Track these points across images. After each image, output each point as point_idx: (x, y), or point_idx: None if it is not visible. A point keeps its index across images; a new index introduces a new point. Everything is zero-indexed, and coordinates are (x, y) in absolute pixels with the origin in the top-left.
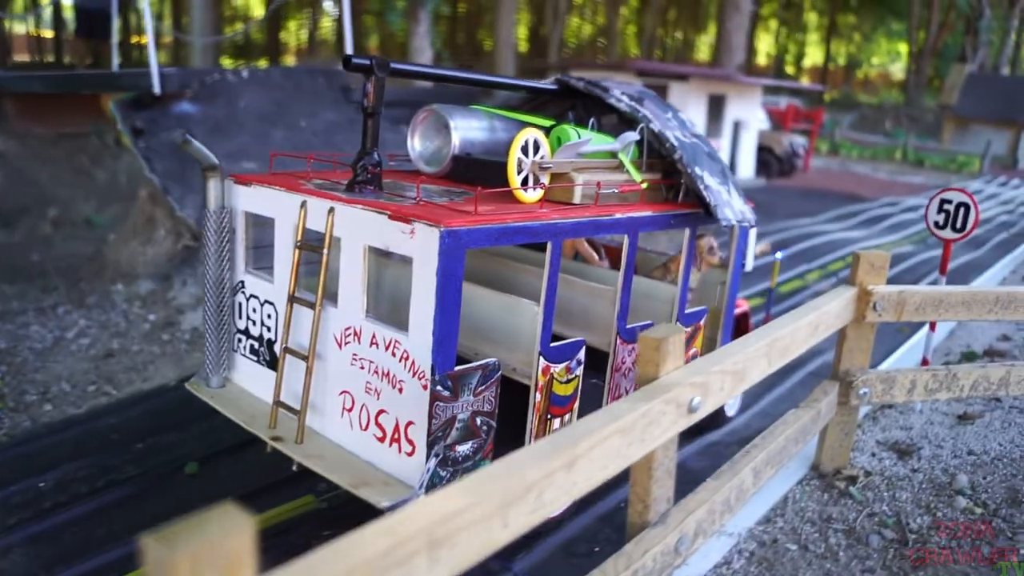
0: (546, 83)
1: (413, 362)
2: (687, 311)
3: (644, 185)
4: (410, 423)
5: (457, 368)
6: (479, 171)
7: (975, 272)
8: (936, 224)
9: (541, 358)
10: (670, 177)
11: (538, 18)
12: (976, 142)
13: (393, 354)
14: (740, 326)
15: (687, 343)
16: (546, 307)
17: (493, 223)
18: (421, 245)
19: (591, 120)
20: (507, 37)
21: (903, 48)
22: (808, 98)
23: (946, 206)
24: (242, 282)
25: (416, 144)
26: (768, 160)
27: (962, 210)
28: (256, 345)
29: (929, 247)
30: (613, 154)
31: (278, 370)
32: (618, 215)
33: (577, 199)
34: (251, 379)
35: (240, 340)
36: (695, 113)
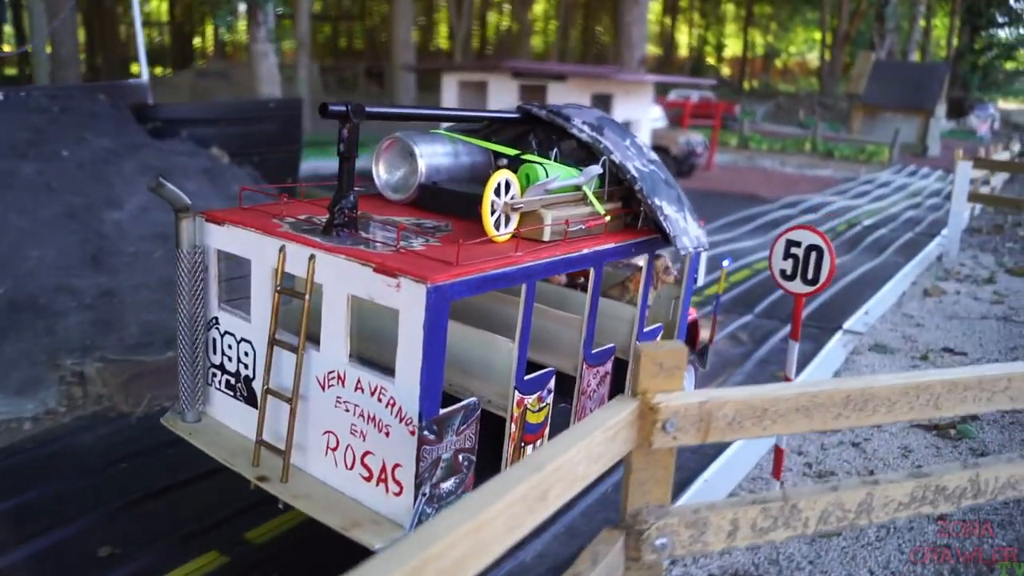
0: (509, 112)
1: (400, 408)
2: (645, 329)
3: (608, 218)
4: (397, 465)
5: (442, 412)
6: (448, 201)
7: (872, 286)
8: (783, 274)
9: (516, 391)
10: (629, 203)
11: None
12: (885, 130)
13: (379, 399)
14: (690, 333)
15: None
16: (520, 344)
17: (474, 274)
18: (407, 299)
19: (554, 150)
20: (404, 36)
21: (818, 36)
22: (725, 89)
23: (794, 250)
24: (216, 318)
25: (382, 172)
26: (664, 161)
27: (814, 255)
28: (232, 380)
29: None
30: (578, 187)
31: (260, 410)
32: (585, 250)
33: (547, 237)
34: (228, 413)
35: (215, 375)
36: None
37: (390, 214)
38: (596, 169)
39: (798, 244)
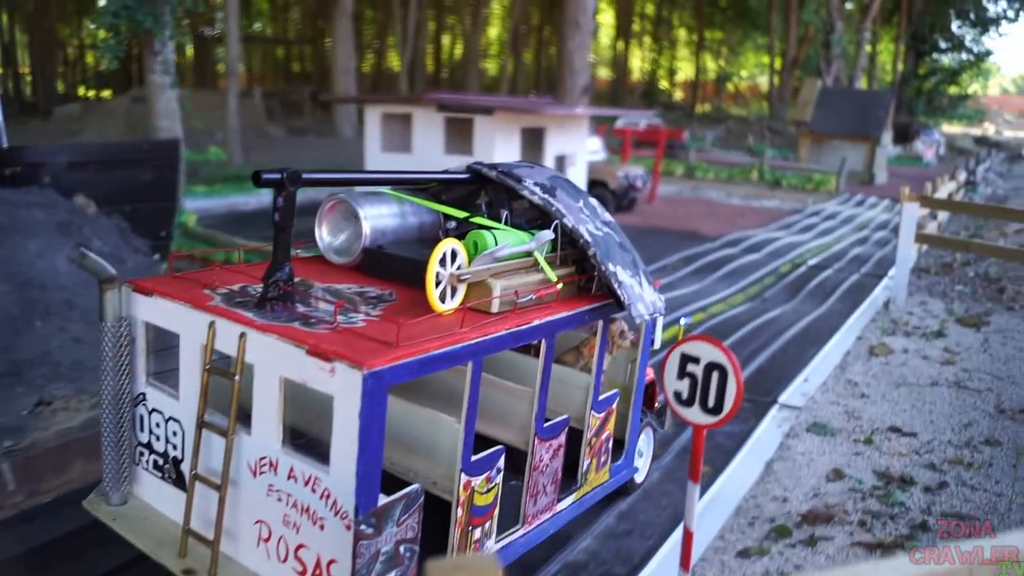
0: (458, 173)
1: (335, 501)
2: (600, 399)
3: (560, 286)
4: (332, 561)
5: (381, 503)
6: (393, 267)
7: (814, 342)
8: (678, 397)
9: (463, 474)
10: (582, 265)
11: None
12: (832, 158)
13: (313, 490)
14: (648, 392)
15: (600, 428)
16: (467, 424)
17: (416, 355)
18: (342, 385)
19: (504, 214)
20: (345, 62)
21: (767, 61)
22: (677, 114)
23: (691, 367)
24: (143, 394)
25: (325, 235)
26: (603, 196)
27: (716, 376)
28: (160, 461)
29: (767, 303)
30: (529, 253)
31: (187, 496)
32: (536, 322)
33: (495, 309)
34: (156, 496)
35: (142, 453)
36: (507, 150)
37: (333, 279)
38: (548, 235)
39: (695, 360)
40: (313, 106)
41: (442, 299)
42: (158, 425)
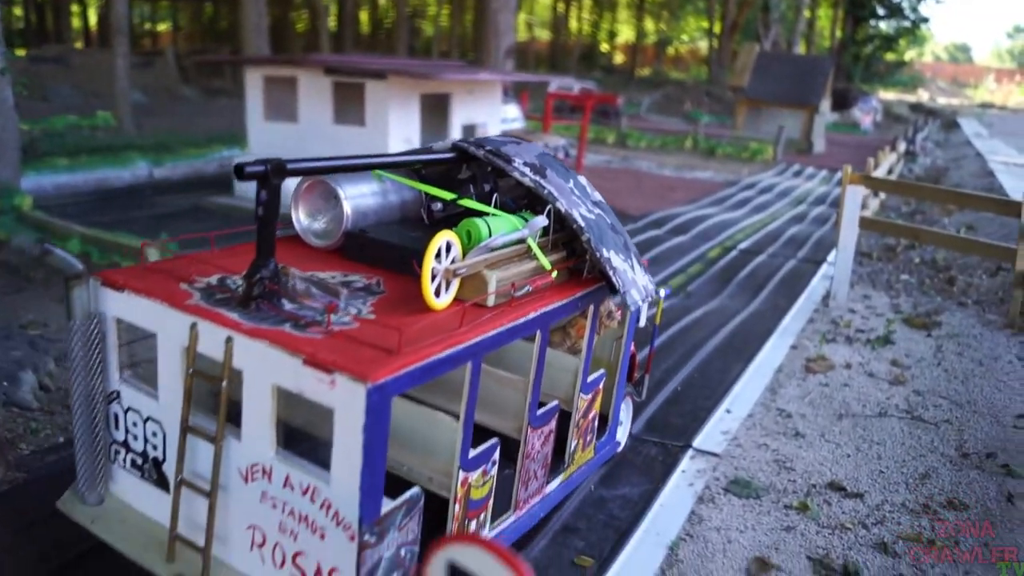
0: (444, 153)
1: (336, 512)
2: (588, 380)
3: (554, 274)
4: (333, 569)
5: (383, 512)
6: (378, 254)
7: (740, 355)
8: None
9: (460, 471)
10: (572, 248)
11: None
12: (770, 126)
13: (312, 499)
14: (629, 365)
15: (588, 409)
16: (466, 422)
17: (419, 363)
18: (344, 398)
19: (494, 196)
20: (256, 20)
21: (707, 25)
22: (616, 78)
23: None
24: (117, 392)
25: (302, 217)
26: None
27: None
28: (139, 461)
29: (691, 300)
30: (521, 240)
31: (173, 502)
32: (532, 314)
33: (491, 302)
34: (135, 494)
35: (119, 452)
36: (405, 119)
37: (314, 266)
38: (542, 220)
39: None
40: (234, 67)
41: (436, 294)
42: (135, 424)
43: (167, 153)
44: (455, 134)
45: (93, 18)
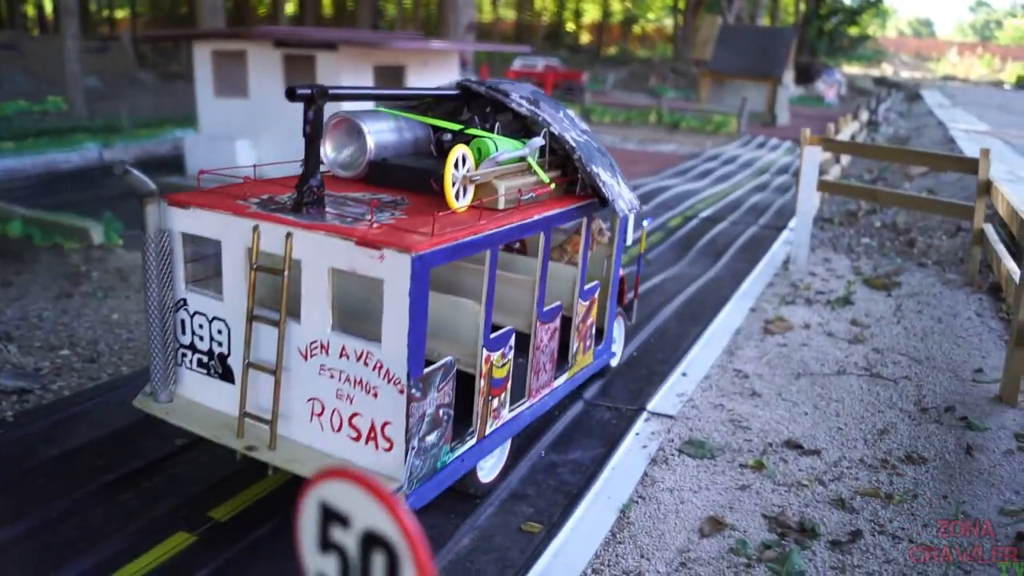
0: (450, 89)
1: (388, 370)
2: (585, 288)
3: (552, 186)
4: (387, 423)
5: (426, 370)
6: (400, 176)
7: (698, 319)
8: None
9: (484, 350)
10: (565, 171)
11: None
12: (733, 99)
13: (365, 363)
14: (619, 289)
15: (586, 315)
16: (487, 305)
17: (451, 242)
18: (391, 269)
19: (495, 124)
20: (213, 2)
21: (671, 1)
22: (582, 56)
23: (337, 535)
24: (184, 300)
25: (329, 151)
26: None
27: (380, 561)
28: (205, 359)
29: (650, 267)
30: (523, 158)
31: (241, 384)
32: (536, 216)
33: (502, 206)
34: (201, 391)
35: (185, 355)
36: None
37: (343, 191)
38: (539, 141)
39: (343, 521)
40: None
41: (456, 198)
42: (201, 327)
43: (118, 135)
44: None
45: (49, 7)
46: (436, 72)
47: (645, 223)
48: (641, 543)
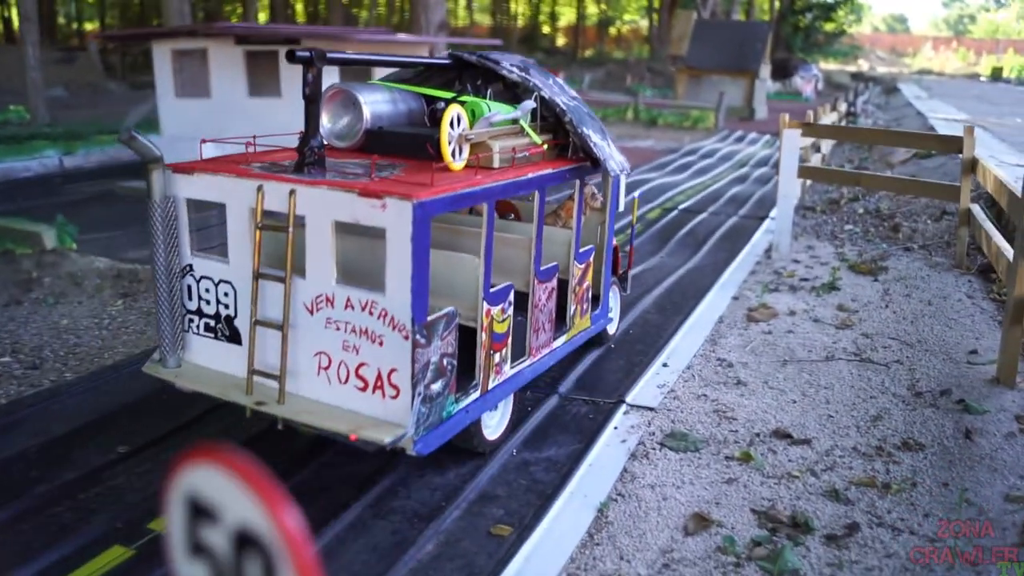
0: (443, 60)
1: (392, 317)
2: (580, 251)
3: (545, 147)
4: (393, 370)
5: (429, 318)
6: (396, 143)
7: (679, 308)
8: None
9: (484, 303)
10: (557, 135)
11: None
12: (711, 94)
13: (370, 313)
14: (613, 260)
15: (582, 278)
16: (485, 259)
17: (450, 192)
18: (393, 218)
19: (488, 91)
20: (179, 6)
21: (646, 2)
22: (559, 58)
23: (210, 535)
24: (190, 265)
25: (326, 121)
26: None
27: (255, 566)
28: (212, 323)
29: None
30: (515, 121)
31: (249, 342)
32: (530, 175)
33: (496, 164)
34: (208, 355)
35: (192, 320)
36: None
37: (341, 159)
38: (531, 104)
39: (210, 518)
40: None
41: (452, 156)
42: (207, 291)
43: (79, 141)
44: None
45: (16, 19)
46: None
47: (635, 195)
48: (620, 544)
